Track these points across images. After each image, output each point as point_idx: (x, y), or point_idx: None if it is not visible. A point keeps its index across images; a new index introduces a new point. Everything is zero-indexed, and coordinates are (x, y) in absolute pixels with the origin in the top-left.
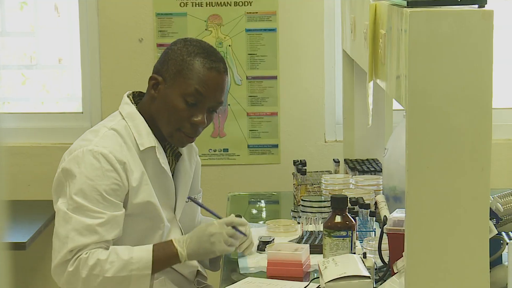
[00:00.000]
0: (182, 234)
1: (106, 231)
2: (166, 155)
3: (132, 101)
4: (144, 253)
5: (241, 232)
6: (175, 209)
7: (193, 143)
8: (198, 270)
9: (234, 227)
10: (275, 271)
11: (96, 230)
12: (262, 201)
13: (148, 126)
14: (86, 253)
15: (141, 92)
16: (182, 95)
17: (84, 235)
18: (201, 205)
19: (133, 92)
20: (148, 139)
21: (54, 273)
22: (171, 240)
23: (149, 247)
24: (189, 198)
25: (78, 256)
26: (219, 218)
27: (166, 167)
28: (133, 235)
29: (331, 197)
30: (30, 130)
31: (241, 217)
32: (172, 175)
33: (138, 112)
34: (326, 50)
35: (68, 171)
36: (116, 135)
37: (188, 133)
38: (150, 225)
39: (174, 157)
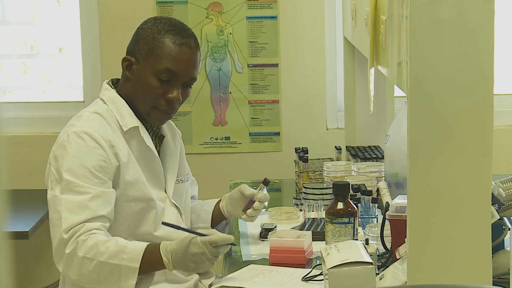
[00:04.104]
0: (180, 214)
1: (98, 206)
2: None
3: (112, 86)
4: (137, 245)
5: (229, 243)
6: (166, 189)
7: (175, 127)
8: None
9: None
10: (277, 258)
11: (87, 206)
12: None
13: (130, 107)
14: (85, 235)
15: (119, 79)
16: (154, 73)
17: (76, 213)
18: (175, 227)
19: (111, 79)
20: (130, 119)
21: (55, 258)
22: (159, 245)
23: (144, 243)
24: (164, 223)
25: (77, 238)
26: (200, 234)
27: (152, 146)
28: (128, 220)
29: (333, 184)
30: (31, 119)
31: (268, 182)
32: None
33: (118, 95)
34: (327, 37)
35: (56, 156)
36: (99, 117)
37: (164, 110)
38: (142, 207)
39: (158, 140)
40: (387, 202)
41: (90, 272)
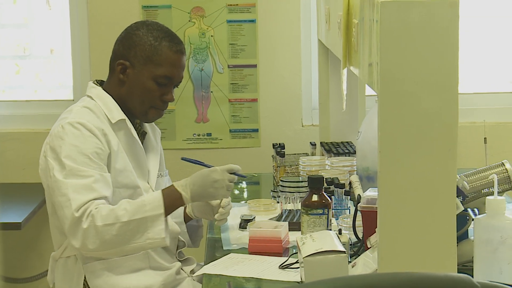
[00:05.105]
0: None
1: (102, 187)
2: None
3: (97, 85)
4: (154, 195)
5: (241, 175)
6: (148, 181)
7: (156, 126)
8: (178, 244)
9: (233, 173)
10: (256, 247)
11: (93, 187)
12: (244, 182)
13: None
14: (96, 207)
15: (102, 80)
16: (153, 78)
17: (83, 194)
18: (193, 161)
19: (95, 80)
20: (118, 113)
21: (70, 236)
22: (173, 185)
23: (158, 191)
24: (183, 159)
25: (89, 213)
26: (209, 166)
27: (137, 138)
28: None
29: (308, 177)
30: (24, 117)
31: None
32: None
33: (105, 92)
34: (303, 40)
35: (52, 148)
36: (89, 110)
37: (161, 108)
38: (130, 193)
39: (140, 136)
40: (358, 194)
41: (114, 236)
